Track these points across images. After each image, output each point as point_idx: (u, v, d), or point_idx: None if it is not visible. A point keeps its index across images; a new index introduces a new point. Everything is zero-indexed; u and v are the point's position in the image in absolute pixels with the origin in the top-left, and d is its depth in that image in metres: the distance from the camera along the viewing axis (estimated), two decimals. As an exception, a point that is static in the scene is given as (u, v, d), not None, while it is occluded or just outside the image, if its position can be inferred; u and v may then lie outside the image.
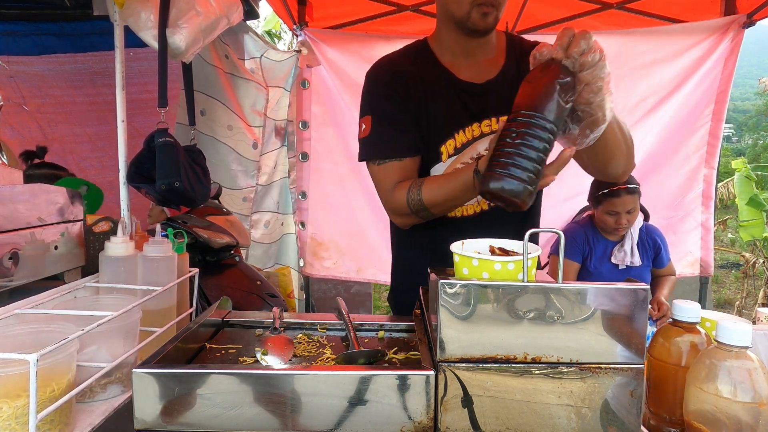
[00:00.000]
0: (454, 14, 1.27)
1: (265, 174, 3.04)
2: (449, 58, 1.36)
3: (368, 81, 1.39)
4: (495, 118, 1.34)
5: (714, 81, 3.03)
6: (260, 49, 2.86)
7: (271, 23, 8.63)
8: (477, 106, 1.33)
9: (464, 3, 1.23)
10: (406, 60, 1.38)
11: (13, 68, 2.78)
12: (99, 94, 2.89)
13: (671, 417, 0.86)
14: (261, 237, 3.08)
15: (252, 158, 2.85)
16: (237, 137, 2.74)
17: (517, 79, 1.32)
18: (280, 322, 1.11)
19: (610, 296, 0.78)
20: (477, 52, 1.35)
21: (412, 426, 0.78)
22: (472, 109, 1.33)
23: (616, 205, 2.46)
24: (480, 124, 1.33)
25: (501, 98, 1.33)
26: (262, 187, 3.02)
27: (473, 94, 1.33)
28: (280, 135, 3.09)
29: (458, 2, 1.24)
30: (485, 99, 1.33)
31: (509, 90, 1.32)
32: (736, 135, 26.44)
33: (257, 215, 3.05)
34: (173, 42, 1.61)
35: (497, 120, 1.34)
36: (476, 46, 1.34)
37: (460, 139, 1.33)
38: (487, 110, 1.33)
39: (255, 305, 2.02)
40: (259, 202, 3.03)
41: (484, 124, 1.33)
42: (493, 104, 1.33)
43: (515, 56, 1.37)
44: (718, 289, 10.07)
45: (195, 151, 1.90)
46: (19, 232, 1.25)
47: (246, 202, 2.91)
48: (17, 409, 0.78)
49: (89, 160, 2.99)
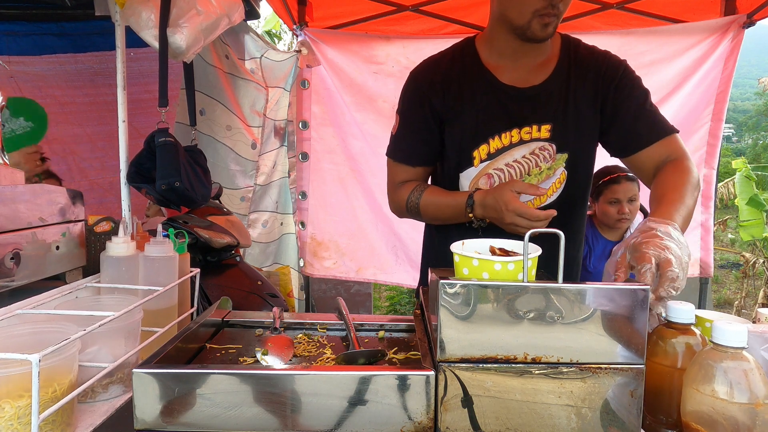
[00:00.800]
0: (513, 21, 1.23)
1: (264, 174, 3.04)
2: (495, 59, 1.32)
3: (409, 80, 1.42)
4: (537, 125, 1.29)
5: (714, 81, 3.03)
6: (260, 49, 2.86)
7: (271, 23, 8.63)
8: (518, 111, 1.29)
9: (526, 12, 1.19)
10: (448, 61, 1.37)
11: (14, 68, 2.78)
12: (99, 94, 2.89)
13: (668, 419, 0.86)
14: (258, 236, 3.09)
15: (251, 158, 2.85)
16: (236, 137, 2.74)
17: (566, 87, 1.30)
18: (280, 322, 1.11)
19: (610, 296, 0.78)
20: (528, 55, 1.31)
21: (412, 426, 0.78)
22: (512, 114, 1.30)
23: (618, 192, 2.45)
24: (520, 130, 1.30)
25: (546, 105, 1.30)
26: (260, 187, 3.02)
27: (515, 98, 1.30)
28: (279, 135, 3.09)
29: (519, 10, 1.20)
30: (528, 105, 1.30)
31: (556, 97, 1.29)
32: (736, 135, 26.44)
33: (255, 215, 3.05)
34: (174, 42, 1.62)
35: (539, 128, 1.29)
36: (528, 50, 1.29)
37: (495, 145, 1.31)
38: (529, 117, 1.29)
39: (255, 305, 2.02)
40: (257, 201, 3.03)
41: (524, 131, 1.30)
42: (536, 111, 1.29)
43: (568, 61, 1.32)
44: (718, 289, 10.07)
45: (196, 151, 1.90)
46: (21, 232, 1.26)
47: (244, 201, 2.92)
48: (19, 409, 0.78)
49: (90, 161, 2.99)
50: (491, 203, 1.19)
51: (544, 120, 1.30)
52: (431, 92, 1.33)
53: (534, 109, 1.30)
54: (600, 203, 2.54)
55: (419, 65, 1.41)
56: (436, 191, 1.37)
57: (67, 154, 2.96)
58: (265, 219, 3.11)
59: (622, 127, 1.31)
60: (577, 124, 1.32)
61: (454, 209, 1.30)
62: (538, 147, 1.31)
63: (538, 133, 1.30)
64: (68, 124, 2.94)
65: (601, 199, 2.53)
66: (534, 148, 1.31)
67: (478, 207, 1.24)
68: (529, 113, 1.30)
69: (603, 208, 2.52)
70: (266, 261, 3.14)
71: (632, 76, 1.34)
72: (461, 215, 1.28)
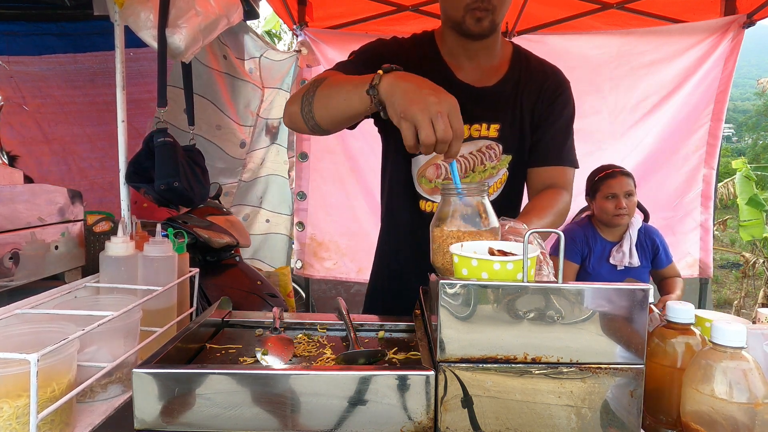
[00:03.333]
0: (450, 17, 1.28)
1: (250, 170, 3.04)
2: (450, 57, 1.36)
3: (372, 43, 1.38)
4: (486, 124, 1.34)
5: (714, 81, 3.03)
6: (260, 49, 2.86)
7: (271, 23, 8.63)
8: (471, 108, 1.32)
9: (459, 8, 1.23)
10: (411, 47, 1.38)
11: (13, 68, 2.77)
12: (99, 94, 2.89)
13: (668, 418, 0.86)
14: None
15: (239, 157, 2.85)
16: (225, 137, 2.74)
17: (515, 92, 1.34)
18: (280, 322, 1.11)
19: (610, 297, 0.78)
20: (478, 55, 1.34)
21: (412, 426, 0.78)
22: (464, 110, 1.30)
23: (614, 186, 2.46)
24: (470, 127, 1.33)
25: (497, 106, 1.34)
26: (244, 183, 3.02)
27: (469, 96, 1.32)
28: (271, 133, 3.09)
29: (453, 6, 1.25)
30: (481, 103, 1.33)
31: (505, 100, 1.34)
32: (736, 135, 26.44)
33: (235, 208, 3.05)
34: (173, 42, 1.62)
35: (488, 127, 1.34)
36: (477, 49, 1.33)
37: None
38: (480, 115, 1.33)
39: (255, 305, 2.02)
40: (240, 196, 3.03)
41: (473, 128, 1.33)
42: (488, 110, 1.33)
43: (519, 69, 1.37)
44: (718, 289, 10.08)
45: (194, 151, 1.90)
46: (20, 232, 1.26)
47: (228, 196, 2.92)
48: (18, 408, 0.78)
49: (89, 161, 2.99)
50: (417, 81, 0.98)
51: (494, 120, 1.33)
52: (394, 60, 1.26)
53: (485, 108, 1.33)
54: (597, 200, 2.54)
55: (385, 39, 1.39)
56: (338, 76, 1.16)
57: (67, 154, 2.96)
58: (246, 213, 3.10)
59: (537, 141, 1.38)
60: (522, 130, 1.37)
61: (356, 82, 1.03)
62: (485, 145, 1.35)
63: (487, 132, 1.34)
64: (68, 124, 2.94)
65: (598, 196, 2.53)
66: (481, 146, 1.35)
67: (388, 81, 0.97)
68: (480, 111, 1.33)
69: (600, 204, 2.52)
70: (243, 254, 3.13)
71: (568, 99, 1.40)
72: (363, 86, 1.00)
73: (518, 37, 3.18)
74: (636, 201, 2.52)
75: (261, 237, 3.20)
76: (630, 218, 2.51)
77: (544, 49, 3.04)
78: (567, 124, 1.39)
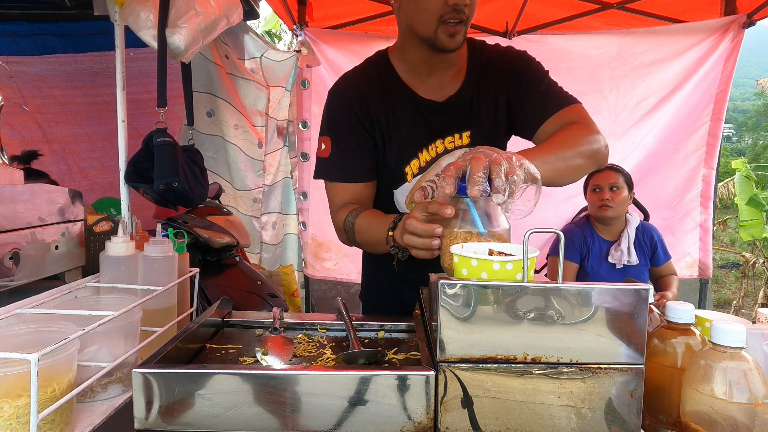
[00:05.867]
0: (420, 33, 1.22)
1: (270, 174, 3.05)
2: (410, 75, 1.33)
3: (330, 100, 1.37)
4: (458, 133, 1.33)
5: (714, 81, 3.03)
6: (260, 49, 2.86)
7: (271, 23, 8.64)
8: (440, 123, 1.31)
9: (430, 23, 1.17)
10: (367, 78, 1.35)
11: (14, 68, 2.78)
12: (99, 94, 2.89)
13: (668, 418, 0.86)
14: (271, 239, 3.09)
15: (258, 158, 2.86)
16: (243, 136, 2.75)
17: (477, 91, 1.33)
18: (280, 322, 1.11)
19: (610, 296, 0.78)
20: (441, 67, 1.31)
21: (412, 426, 0.78)
22: (435, 127, 1.32)
23: (599, 179, 2.50)
24: (443, 140, 1.32)
25: (463, 113, 1.33)
26: (268, 188, 3.03)
27: (436, 112, 1.31)
28: (282, 135, 3.10)
29: (424, 22, 1.19)
30: (447, 116, 1.32)
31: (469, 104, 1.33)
32: (735, 135, 26.45)
33: (266, 217, 3.06)
34: (173, 42, 1.62)
35: (460, 136, 1.32)
36: (440, 61, 1.29)
37: (424, 158, 1.33)
38: (450, 127, 1.32)
39: (255, 305, 2.02)
40: (266, 203, 3.04)
41: (447, 141, 1.32)
42: (455, 120, 1.32)
43: (477, 66, 1.34)
44: (718, 289, 10.08)
45: (193, 151, 1.90)
46: (20, 232, 1.26)
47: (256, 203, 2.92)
48: (18, 408, 0.78)
49: (89, 161, 2.99)
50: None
51: (464, 127, 1.32)
52: (359, 110, 1.31)
53: (453, 119, 1.32)
54: (587, 195, 2.58)
55: (338, 84, 1.37)
56: (371, 213, 1.26)
57: (67, 154, 2.96)
58: (274, 221, 3.13)
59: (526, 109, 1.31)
60: (491, 124, 1.35)
61: (379, 232, 1.15)
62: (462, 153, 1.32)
63: (461, 141, 1.33)
64: (68, 124, 2.94)
65: (587, 191, 2.57)
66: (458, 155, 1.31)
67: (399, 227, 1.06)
68: (449, 123, 1.32)
69: (588, 198, 2.57)
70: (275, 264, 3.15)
71: (530, 62, 1.34)
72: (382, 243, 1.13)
73: (518, 37, 3.18)
74: (626, 197, 2.53)
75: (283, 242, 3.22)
76: (616, 212, 2.51)
77: (544, 49, 3.04)
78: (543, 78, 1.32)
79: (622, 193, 2.50)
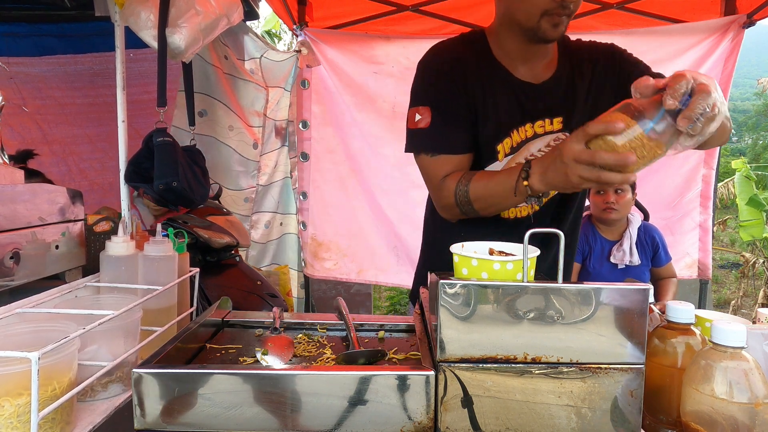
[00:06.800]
0: (522, 23, 1.22)
1: (266, 174, 3.04)
2: (505, 57, 1.32)
3: (426, 69, 1.32)
4: (549, 119, 1.31)
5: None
6: (260, 49, 2.86)
7: (271, 23, 8.64)
8: (533, 106, 1.30)
9: (534, 13, 1.17)
10: (463, 51, 1.32)
11: (14, 69, 2.77)
12: (99, 95, 2.89)
13: (668, 418, 0.87)
14: (260, 237, 3.09)
15: (253, 159, 2.85)
16: (238, 137, 2.74)
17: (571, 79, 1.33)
18: (280, 322, 1.11)
19: (610, 296, 0.78)
20: (536, 56, 1.31)
21: (412, 426, 0.78)
22: (527, 109, 1.30)
23: None
24: (533, 124, 1.30)
25: (556, 99, 1.32)
26: (262, 188, 3.03)
27: (530, 94, 1.30)
28: (281, 135, 3.10)
29: (527, 11, 1.19)
30: (542, 99, 1.31)
31: (564, 90, 1.32)
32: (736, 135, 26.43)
33: (257, 215, 3.05)
34: (173, 42, 1.62)
35: (551, 121, 1.31)
36: (535, 51, 1.30)
37: (516, 139, 1.30)
38: (542, 111, 1.31)
39: (255, 305, 2.02)
40: (259, 202, 3.04)
41: (537, 125, 1.30)
42: (548, 105, 1.31)
43: (568, 57, 1.35)
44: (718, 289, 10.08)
45: (194, 152, 1.90)
46: (20, 232, 1.26)
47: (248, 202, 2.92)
48: (19, 407, 0.78)
49: (89, 161, 2.99)
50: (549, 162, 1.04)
51: (556, 113, 1.31)
52: (458, 79, 1.28)
53: (546, 104, 1.31)
54: (590, 196, 2.57)
55: (434, 53, 1.33)
56: (482, 175, 1.22)
57: (67, 155, 2.96)
58: (267, 220, 3.12)
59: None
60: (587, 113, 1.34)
61: (505, 184, 1.14)
62: (552, 138, 1.32)
63: (551, 126, 1.31)
64: (68, 125, 2.94)
65: (591, 192, 2.55)
66: (549, 140, 1.32)
67: (536, 173, 1.08)
68: (542, 108, 1.31)
69: (592, 200, 2.56)
70: (263, 260, 3.15)
71: (626, 54, 1.39)
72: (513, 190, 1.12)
73: (518, 38, 3.17)
74: (630, 199, 2.53)
75: (276, 241, 3.22)
76: (620, 215, 2.51)
77: (544, 49, 3.04)
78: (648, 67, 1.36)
79: (627, 195, 2.50)
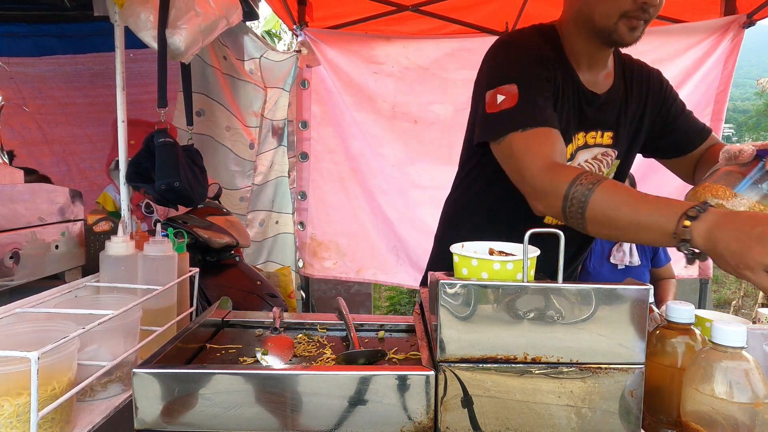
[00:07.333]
0: (597, 23, 1.16)
1: (261, 173, 3.04)
2: (573, 57, 1.26)
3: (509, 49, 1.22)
4: (601, 132, 1.28)
5: (714, 81, 3.03)
6: (260, 49, 2.86)
7: (271, 23, 8.63)
8: (592, 115, 1.26)
9: (612, 13, 1.12)
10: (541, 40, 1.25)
11: (14, 69, 2.78)
12: (99, 95, 2.89)
13: (668, 418, 0.86)
14: (255, 235, 3.09)
15: (249, 158, 2.85)
16: (234, 138, 2.74)
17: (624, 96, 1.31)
18: (280, 322, 1.11)
19: (610, 296, 0.78)
20: (600, 62, 1.26)
21: (412, 426, 0.78)
22: (586, 117, 1.26)
23: None
24: (586, 134, 1.26)
25: (611, 114, 1.28)
26: (257, 187, 3.03)
27: (592, 103, 1.25)
28: (277, 134, 3.10)
29: (605, 11, 1.13)
30: (600, 111, 1.27)
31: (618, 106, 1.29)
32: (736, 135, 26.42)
33: (252, 214, 3.05)
34: (173, 42, 1.62)
35: (602, 134, 1.28)
36: (604, 56, 1.25)
37: (576, 144, 1.27)
38: (597, 122, 1.27)
39: (255, 305, 2.02)
40: (254, 201, 3.04)
41: (589, 135, 1.27)
42: (603, 118, 1.27)
43: (622, 72, 1.32)
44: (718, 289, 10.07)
45: (193, 151, 1.90)
46: (20, 232, 1.26)
47: (243, 201, 2.92)
48: (18, 407, 0.78)
49: (89, 161, 2.99)
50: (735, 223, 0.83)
51: (608, 127, 1.28)
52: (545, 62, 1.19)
53: (603, 115, 1.27)
54: None
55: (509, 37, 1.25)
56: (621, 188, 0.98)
57: (67, 155, 2.96)
58: (262, 218, 3.12)
59: (676, 132, 1.37)
60: (630, 134, 1.34)
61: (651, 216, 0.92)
62: (600, 152, 1.30)
63: (601, 140, 1.28)
64: (68, 125, 2.94)
65: None
66: (597, 153, 1.29)
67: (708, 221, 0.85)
68: (598, 119, 1.27)
69: None
70: (259, 258, 3.15)
71: (670, 85, 1.41)
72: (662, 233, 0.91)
73: (518, 38, 3.17)
74: None
75: (272, 239, 3.22)
76: None
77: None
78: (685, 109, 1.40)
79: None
